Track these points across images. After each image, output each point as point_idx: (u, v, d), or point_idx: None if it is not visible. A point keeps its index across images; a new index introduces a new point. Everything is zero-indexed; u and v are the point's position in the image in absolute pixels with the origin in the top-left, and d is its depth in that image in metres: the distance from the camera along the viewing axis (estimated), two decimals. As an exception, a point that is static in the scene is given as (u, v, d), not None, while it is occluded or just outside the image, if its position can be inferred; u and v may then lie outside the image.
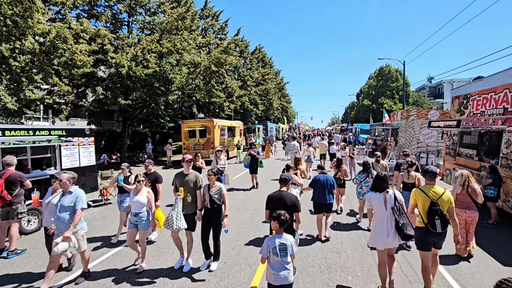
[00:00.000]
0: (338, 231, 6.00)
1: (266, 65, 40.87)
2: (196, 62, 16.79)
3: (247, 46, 32.93)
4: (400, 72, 39.87)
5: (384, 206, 3.60)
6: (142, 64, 13.30)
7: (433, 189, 3.61)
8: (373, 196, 3.73)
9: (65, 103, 11.82)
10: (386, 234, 3.53)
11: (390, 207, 3.59)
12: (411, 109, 14.74)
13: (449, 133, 9.73)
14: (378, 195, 3.68)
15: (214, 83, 19.85)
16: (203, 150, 16.76)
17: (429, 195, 3.56)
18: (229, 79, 24.43)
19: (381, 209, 3.63)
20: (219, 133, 17.31)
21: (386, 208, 3.59)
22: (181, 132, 17.20)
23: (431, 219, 3.47)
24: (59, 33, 8.76)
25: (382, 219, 3.60)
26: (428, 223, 3.49)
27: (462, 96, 9.57)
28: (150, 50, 13.79)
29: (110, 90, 13.04)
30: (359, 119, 43.00)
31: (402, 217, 3.52)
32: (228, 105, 24.99)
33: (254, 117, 36.75)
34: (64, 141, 6.97)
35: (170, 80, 15.18)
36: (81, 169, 7.54)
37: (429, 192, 3.58)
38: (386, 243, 3.54)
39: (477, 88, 9.47)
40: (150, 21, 15.61)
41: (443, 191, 3.60)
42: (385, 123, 22.49)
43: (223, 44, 19.50)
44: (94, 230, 6.31)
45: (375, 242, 3.66)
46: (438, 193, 3.57)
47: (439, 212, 3.47)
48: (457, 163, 9.27)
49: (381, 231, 3.57)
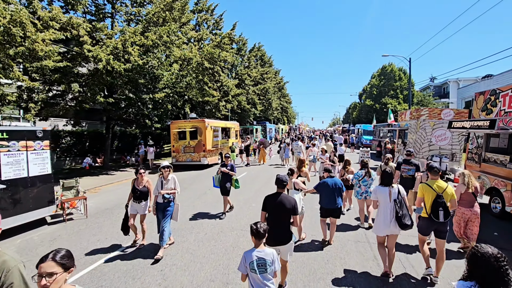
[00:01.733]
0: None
1: (266, 64, 39.53)
2: (187, 58, 15.43)
3: (245, 43, 31.59)
4: (404, 71, 38.51)
5: (388, 198, 4.05)
6: (123, 58, 11.95)
7: (437, 183, 4.03)
8: (380, 189, 4.17)
9: (34, 101, 10.47)
10: (389, 222, 4.00)
11: (393, 199, 4.04)
12: (422, 108, 13.35)
13: (474, 135, 8.34)
14: (384, 188, 4.13)
15: (207, 81, 18.49)
16: (194, 153, 15.39)
17: (435, 188, 3.98)
18: (225, 77, 23.06)
19: (385, 201, 4.07)
20: (211, 134, 15.93)
21: (390, 200, 4.04)
22: (170, 133, 15.85)
23: (435, 210, 3.89)
24: (14, 18, 7.41)
25: (386, 209, 4.04)
26: (432, 213, 3.91)
27: (488, 92, 8.16)
28: (134, 43, 12.44)
29: (87, 87, 11.68)
30: (361, 119, 41.58)
31: (402, 209, 3.98)
32: (224, 105, 23.63)
33: (253, 118, 35.41)
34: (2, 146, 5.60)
35: (157, 76, 13.82)
36: (30, 179, 6.18)
37: (434, 186, 4.01)
38: (388, 230, 4.02)
39: (487, 86, 8.09)
40: (135, 12, 14.27)
41: (446, 185, 4.03)
42: (391, 124, 21.09)
43: (217, 39, 18.15)
44: (30, 261, 4.74)
45: (378, 229, 4.12)
46: (442, 187, 4.00)
47: (443, 204, 3.88)
48: (483, 171, 7.87)
49: (385, 220, 4.02)
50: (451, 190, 4.00)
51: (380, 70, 42.26)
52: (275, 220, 3.48)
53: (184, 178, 13.07)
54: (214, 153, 16.51)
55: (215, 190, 9.90)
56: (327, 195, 5.11)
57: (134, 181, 5.30)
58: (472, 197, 4.73)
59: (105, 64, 10.88)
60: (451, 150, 13.01)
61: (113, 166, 16.52)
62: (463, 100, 32.89)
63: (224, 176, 7.18)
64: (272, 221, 3.45)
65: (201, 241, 5.57)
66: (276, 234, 3.42)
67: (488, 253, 1.80)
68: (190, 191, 10.04)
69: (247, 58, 32.47)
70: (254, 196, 9.00)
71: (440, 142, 12.97)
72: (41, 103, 10.74)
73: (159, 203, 5.12)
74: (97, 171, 14.31)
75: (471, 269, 1.88)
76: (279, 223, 3.50)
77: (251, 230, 2.74)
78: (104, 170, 14.69)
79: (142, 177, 5.25)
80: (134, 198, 5.24)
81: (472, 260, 1.88)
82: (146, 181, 5.31)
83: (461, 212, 4.82)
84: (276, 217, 3.51)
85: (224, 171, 7.16)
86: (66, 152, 16.29)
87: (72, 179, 7.86)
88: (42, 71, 10.10)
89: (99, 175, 13.34)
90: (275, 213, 3.52)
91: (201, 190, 10.26)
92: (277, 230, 3.44)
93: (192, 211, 7.62)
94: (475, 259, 1.85)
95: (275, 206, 3.51)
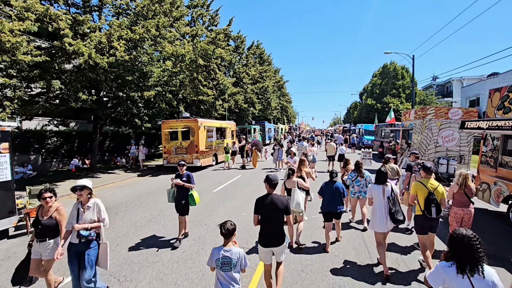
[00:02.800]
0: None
1: (265, 63, 38.67)
2: (179, 54, 14.60)
3: (243, 41, 30.73)
4: (406, 69, 37.59)
5: (382, 196, 4.31)
6: (108, 53, 11.14)
7: (430, 182, 4.35)
8: (374, 187, 4.42)
9: (10, 99, 9.67)
10: (385, 219, 4.24)
11: (387, 197, 4.30)
12: (428, 107, 12.50)
13: (490, 137, 7.50)
14: (378, 186, 4.38)
15: (201, 79, 17.67)
16: (186, 155, 14.59)
17: (427, 186, 4.30)
18: (221, 75, 22.23)
19: (379, 198, 4.32)
20: (204, 134, 15.12)
21: (384, 197, 4.30)
22: (161, 133, 15.05)
23: (428, 206, 4.20)
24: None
25: (380, 206, 4.30)
26: (425, 209, 4.20)
27: (505, 88, 7.32)
28: (121, 37, 11.64)
29: (70, 84, 10.88)
30: (363, 119, 40.68)
31: (395, 206, 4.28)
32: (221, 104, 22.80)
33: (251, 117, 34.57)
34: None
35: (146, 73, 13.02)
36: (-17, 187, 5.38)
37: (427, 184, 4.32)
38: (386, 227, 4.25)
39: (493, 85, 7.32)
40: (124, 5, 13.46)
41: (437, 184, 4.36)
42: (394, 124, 20.24)
43: (212, 35, 17.32)
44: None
45: (374, 226, 4.32)
46: (434, 185, 4.33)
47: (435, 201, 4.19)
48: (499, 176, 7.05)
49: (381, 217, 4.25)
50: (442, 188, 4.31)
51: (381, 68, 41.35)
52: (268, 222, 3.48)
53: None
54: (208, 154, 15.70)
55: (206, 195, 9.13)
56: (327, 199, 5.13)
57: (38, 209, 3.76)
58: (465, 197, 4.66)
59: (86, 59, 10.09)
60: (459, 152, 12.17)
61: (101, 168, 15.74)
62: (467, 99, 31.99)
63: (180, 190, 5.45)
64: (265, 223, 3.49)
65: (176, 262, 4.77)
66: (269, 236, 3.46)
67: (462, 233, 2.11)
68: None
69: (245, 56, 31.62)
70: (244, 204, 8.18)
71: (447, 143, 12.13)
72: (18, 101, 9.94)
73: (72, 244, 3.46)
74: (83, 174, 13.53)
75: (450, 250, 2.16)
76: (272, 224, 3.48)
77: (220, 229, 2.90)
78: (91, 173, 13.91)
79: (48, 203, 3.62)
80: (36, 235, 3.60)
81: (450, 241, 2.17)
82: (56, 210, 3.68)
83: (454, 212, 4.74)
84: (268, 218, 3.48)
85: (178, 183, 5.37)
86: (53, 153, 15.52)
87: (41, 185, 7.06)
88: (17, 66, 9.30)
89: (83, 178, 12.52)
90: (267, 215, 3.48)
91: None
92: (271, 232, 3.47)
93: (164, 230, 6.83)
94: (453, 240, 2.15)
95: (267, 207, 3.47)
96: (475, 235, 2.06)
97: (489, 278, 1.99)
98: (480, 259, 2.00)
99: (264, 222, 3.48)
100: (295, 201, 5.02)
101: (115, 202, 8.76)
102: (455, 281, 2.04)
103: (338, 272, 4.33)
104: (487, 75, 29.17)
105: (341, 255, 4.92)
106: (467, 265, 2.02)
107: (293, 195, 5.10)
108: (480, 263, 2.00)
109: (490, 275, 2.00)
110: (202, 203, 8.10)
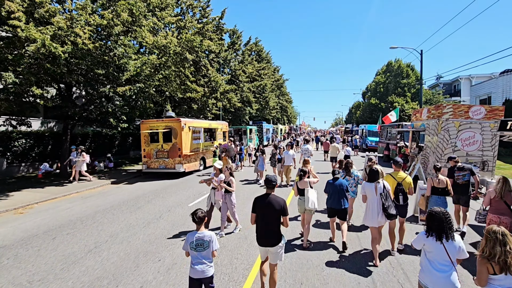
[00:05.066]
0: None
1: (263, 60, 37.00)
2: (161, 45, 12.94)
3: (240, 36, 29.10)
4: (411, 67, 35.85)
5: (374, 193, 4.62)
6: (71, 41, 9.50)
7: (398, 174, 5.15)
8: (367, 185, 4.76)
9: None
10: (376, 214, 4.56)
11: (379, 193, 4.60)
12: (444, 105, 10.76)
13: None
14: (371, 184, 4.70)
15: (189, 74, 16.02)
16: (167, 159, 12.92)
17: (396, 178, 5.10)
18: (214, 71, 20.55)
19: (372, 194, 4.66)
20: (189, 136, 13.44)
21: (376, 194, 4.61)
22: (140, 135, 13.40)
23: (396, 195, 4.97)
24: None
25: (373, 202, 4.62)
26: (394, 198, 4.91)
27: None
28: (87, 23, 10.01)
29: (22, 77, 9.26)
30: (365, 119, 38.89)
31: (387, 201, 4.56)
32: (214, 103, 21.12)
33: (248, 117, 32.90)
34: None
35: (119, 66, 11.37)
36: None
37: (396, 176, 5.13)
38: (376, 221, 4.57)
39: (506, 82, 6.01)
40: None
41: (405, 175, 5.13)
42: (402, 124, 18.47)
43: (199, 25, 15.67)
44: None
45: (367, 220, 4.72)
46: (402, 177, 5.10)
47: (403, 190, 5.00)
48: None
49: (373, 212, 4.59)
50: (409, 179, 5.10)
51: (385, 66, 39.59)
52: (264, 221, 3.54)
53: (152, 189, 10.61)
54: (193, 158, 14.02)
55: (178, 211, 7.43)
56: (331, 196, 5.34)
57: None
58: (503, 205, 4.48)
59: (39, 46, 8.46)
60: (481, 157, 10.43)
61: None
62: (477, 98, 30.14)
63: None
64: (261, 222, 3.57)
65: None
66: (265, 235, 3.54)
67: (437, 210, 2.87)
68: (141, 213, 7.55)
69: (241, 52, 29.95)
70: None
71: (467, 147, 10.40)
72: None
73: None
74: (49, 181, 11.89)
75: (428, 224, 2.89)
76: (268, 224, 3.53)
77: (192, 218, 3.20)
78: (60, 179, 12.27)
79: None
80: None
81: (428, 217, 2.92)
82: None
83: (489, 219, 4.58)
84: (265, 218, 3.54)
85: None
86: (21, 156, 13.90)
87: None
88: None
89: (46, 186, 10.89)
90: (264, 214, 3.55)
91: (157, 211, 7.76)
92: (266, 232, 3.53)
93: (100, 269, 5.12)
94: (430, 215, 2.89)
95: (264, 207, 3.55)
96: (446, 211, 2.87)
97: (457, 244, 2.76)
98: (452, 229, 2.80)
99: (260, 221, 3.57)
100: (310, 200, 5.06)
101: (64, 220, 7.09)
102: (434, 246, 2.80)
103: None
104: (499, 72, 27.28)
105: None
106: (443, 234, 2.77)
107: (306, 194, 5.15)
108: (452, 232, 2.79)
109: (458, 241, 2.78)
110: (170, 222, 6.45)
